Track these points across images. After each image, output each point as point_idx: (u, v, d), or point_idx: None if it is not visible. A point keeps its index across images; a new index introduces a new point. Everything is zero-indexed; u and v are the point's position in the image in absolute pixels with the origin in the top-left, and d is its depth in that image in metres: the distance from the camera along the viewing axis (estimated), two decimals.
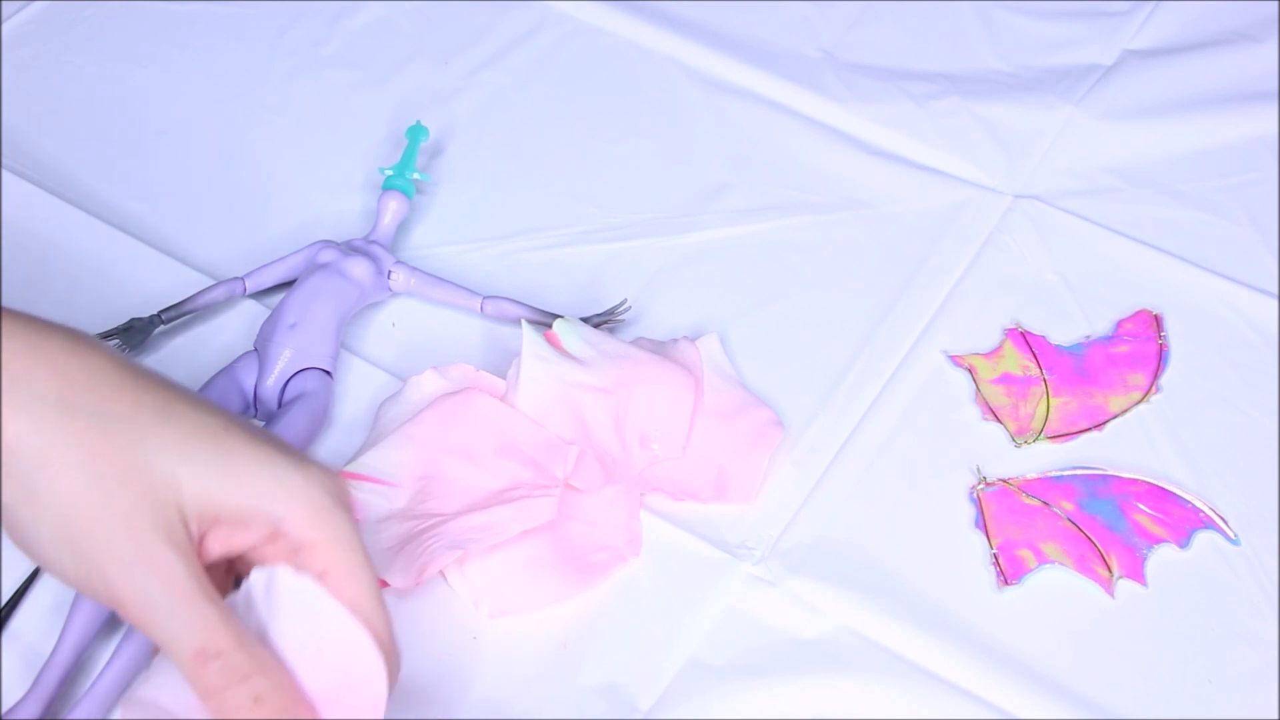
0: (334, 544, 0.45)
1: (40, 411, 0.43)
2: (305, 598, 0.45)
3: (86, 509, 0.43)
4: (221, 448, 0.44)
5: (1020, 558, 0.57)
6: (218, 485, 0.44)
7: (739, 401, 0.60)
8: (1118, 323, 0.64)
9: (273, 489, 0.44)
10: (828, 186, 0.70)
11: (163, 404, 0.45)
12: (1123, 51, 0.75)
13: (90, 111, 0.73)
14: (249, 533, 0.45)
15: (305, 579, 0.45)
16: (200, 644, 0.43)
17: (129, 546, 0.43)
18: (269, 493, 0.44)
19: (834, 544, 0.57)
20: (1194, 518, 0.58)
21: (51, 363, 0.44)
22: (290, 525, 0.45)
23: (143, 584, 0.43)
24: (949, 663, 0.54)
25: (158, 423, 0.44)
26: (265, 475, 0.44)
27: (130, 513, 0.43)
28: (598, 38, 0.76)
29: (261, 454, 0.45)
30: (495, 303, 0.64)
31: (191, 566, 0.44)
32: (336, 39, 0.76)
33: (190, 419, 0.45)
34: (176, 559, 0.43)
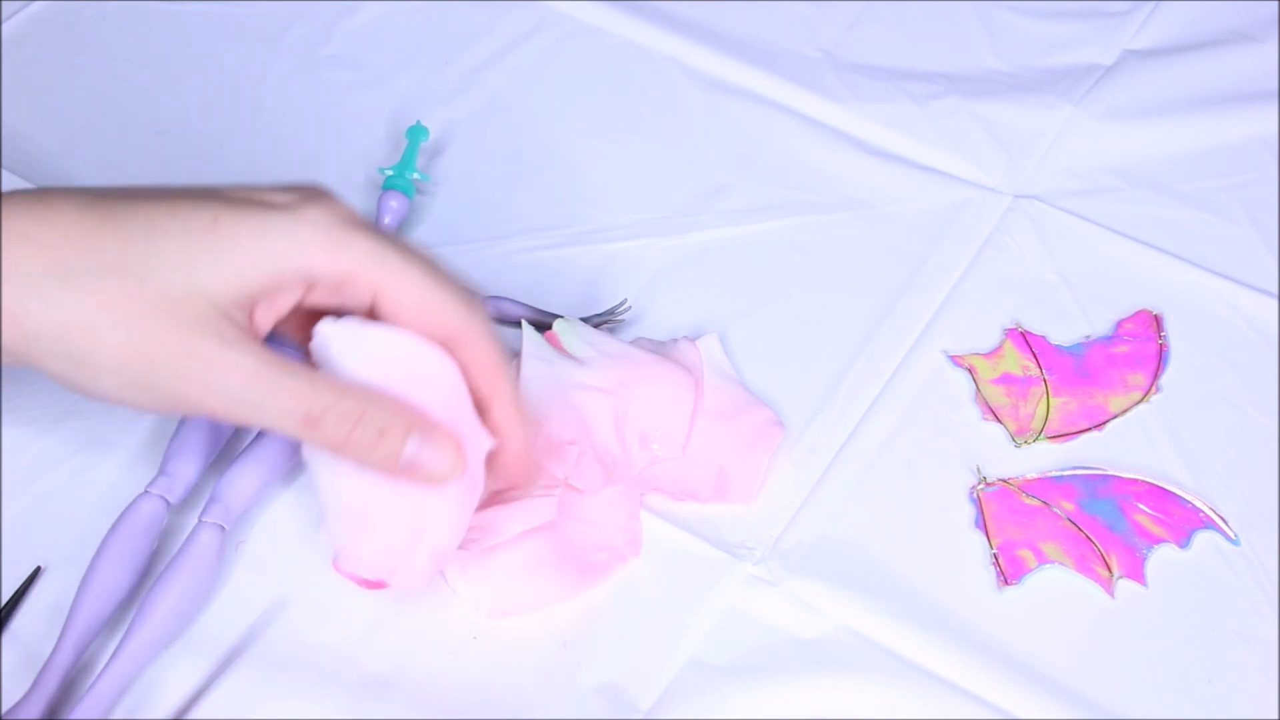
0: (367, 262, 0.46)
1: (44, 292, 0.43)
2: (350, 343, 0.47)
3: (136, 356, 0.44)
4: (219, 236, 0.45)
5: (1020, 558, 0.57)
6: (235, 272, 0.45)
7: (739, 401, 0.60)
8: (1118, 323, 0.64)
9: (284, 248, 0.45)
10: (828, 186, 0.70)
11: (144, 224, 0.45)
12: (1123, 51, 0.75)
13: (90, 111, 0.73)
14: (289, 294, 0.46)
15: (342, 324, 0.47)
16: (303, 411, 0.45)
17: (191, 366, 0.44)
18: (283, 254, 0.45)
19: (834, 544, 0.57)
20: (1194, 518, 0.58)
21: (26, 238, 0.44)
22: (318, 271, 0.46)
23: (222, 390, 0.44)
24: (949, 663, 0.54)
25: (150, 246, 0.44)
26: (271, 240, 0.45)
27: (174, 338, 0.44)
28: (598, 38, 0.76)
29: (257, 222, 0.45)
30: (495, 303, 0.64)
31: (256, 352, 0.45)
32: (336, 39, 0.77)
33: (177, 225, 0.45)
34: (238, 354, 0.44)
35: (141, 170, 0.70)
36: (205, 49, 0.76)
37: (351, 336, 0.47)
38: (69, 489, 0.59)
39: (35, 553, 0.56)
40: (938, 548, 0.57)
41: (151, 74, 0.75)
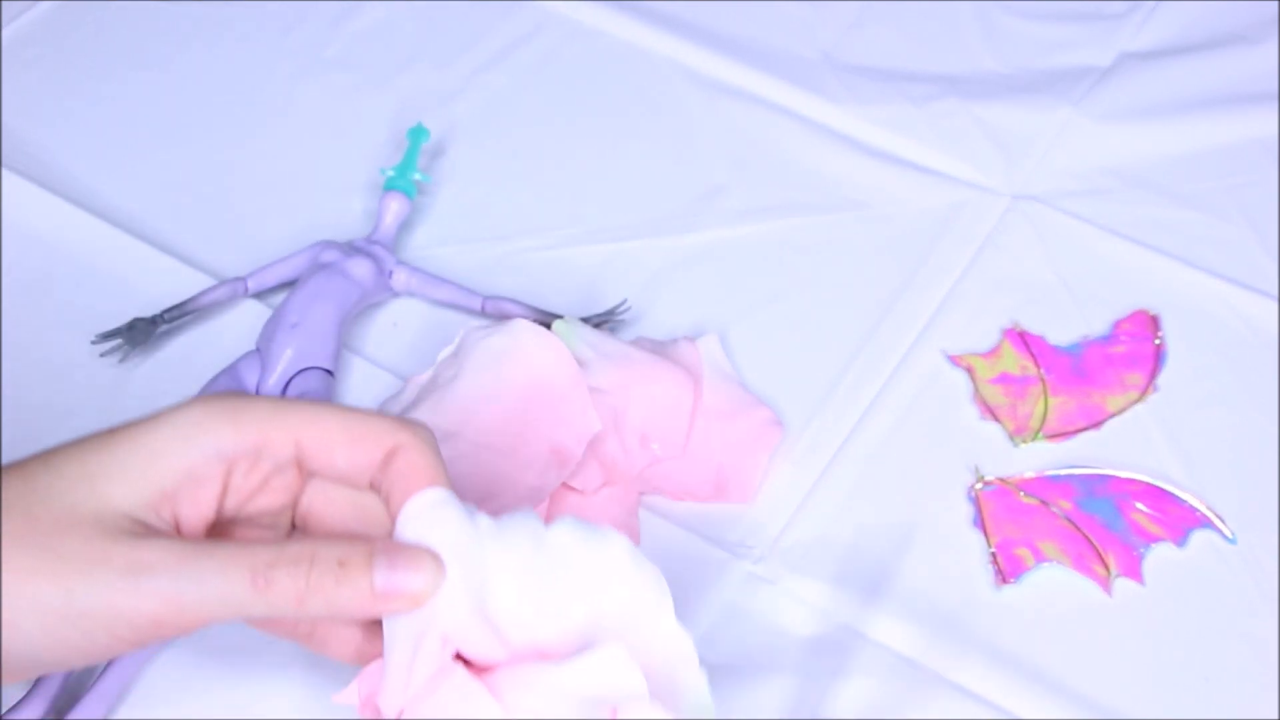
0: (275, 417, 0.43)
1: None
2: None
3: (49, 581, 0.40)
4: (116, 444, 0.42)
5: (1018, 556, 0.57)
6: (140, 473, 0.42)
7: (738, 401, 0.60)
8: (1115, 323, 0.64)
9: (185, 434, 0.42)
10: (827, 187, 0.70)
11: (42, 457, 0.42)
12: (1120, 53, 0.75)
13: (93, 113, 0.73)
14: (209, 483, 0.43)
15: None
16: (247, 573, 0.41)
17: (109, 574, 0.40)
18: (185, 440, 0.42)
19: (833, 543, 0.58)
20: (1191, 517, 0.58)
21: None
22: (227, 445, 0.42)
23: (153, 588, 0.40)
24: (947, 660, 0.54)
25: (50, 473, 0.42)
26: (168, 431, 0.42)
27: (87, 550, 0.40)
28: (598, 39, 0.77)
29: (151, 422, 0.43)
30: (496, 303, 0.64)
31: (178, 541, 0.41)
32: (338, 41, 0.77)
33: (73, 448, 0.43)
34: (158, 545, 0.41)
35: (144, 171, 0.71)
36: (207, 51, 0.76)
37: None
38: None
39: None
40: (936, 546, 0.57)
41: (153, 76, 0.75)
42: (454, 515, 0.43)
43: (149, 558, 0.40)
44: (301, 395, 0.59)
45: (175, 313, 0.63)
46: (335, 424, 0.44)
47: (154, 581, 0.40)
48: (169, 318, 0.63)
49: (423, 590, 0.42)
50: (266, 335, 0.61)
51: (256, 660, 0.53)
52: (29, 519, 0.41)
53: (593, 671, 0.42)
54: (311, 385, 0.60)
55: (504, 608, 0.43)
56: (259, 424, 0.43)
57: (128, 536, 0.41)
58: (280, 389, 0.60)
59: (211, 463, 0.42)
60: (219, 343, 0.63)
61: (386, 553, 0.42)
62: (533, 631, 0.43)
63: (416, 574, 0.42)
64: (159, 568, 0.40)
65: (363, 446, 0.44)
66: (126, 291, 0.65)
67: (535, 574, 0.43)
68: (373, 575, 0.42)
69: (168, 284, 0.65)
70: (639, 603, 0.43)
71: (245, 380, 0.60)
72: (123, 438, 0.42)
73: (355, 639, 0.46)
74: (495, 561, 0.42)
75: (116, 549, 0.40)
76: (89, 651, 0.41)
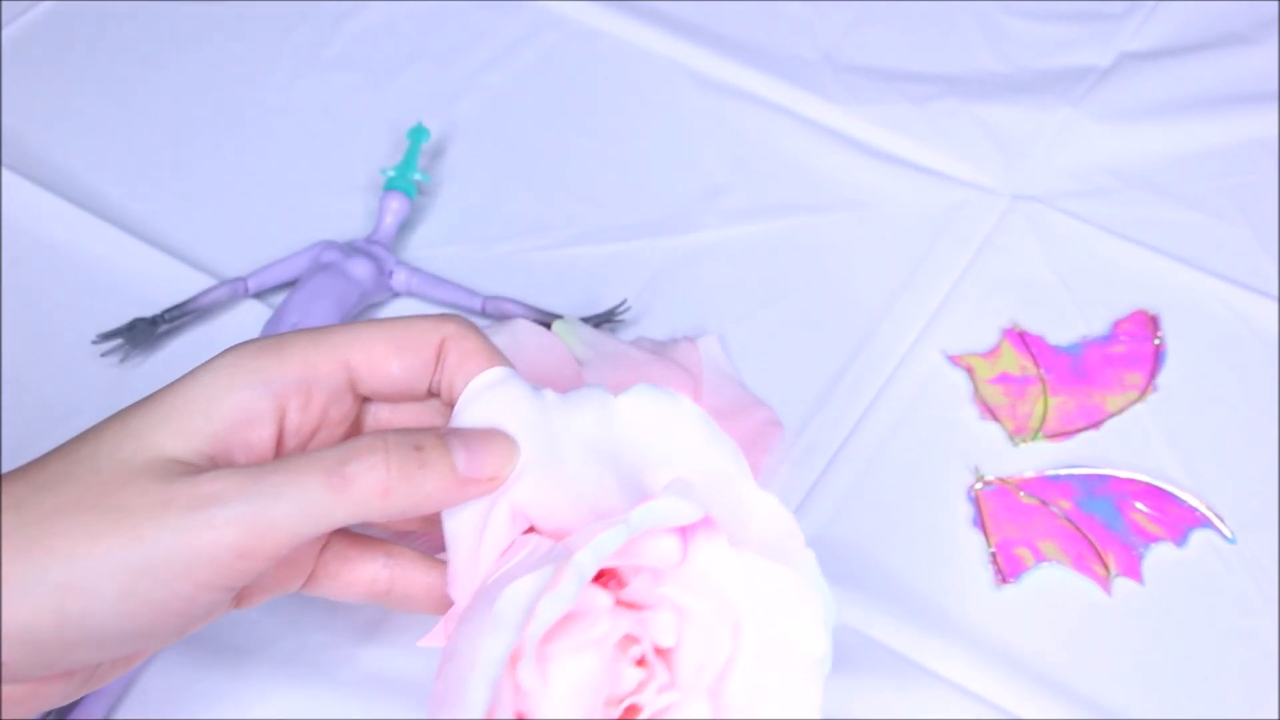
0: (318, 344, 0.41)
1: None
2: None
3: (122, 542, 0.38)
4: (158, 397, 0.40)
5: (1018, 556, 0.57)
6: (188, 420, 0.39)
7: (738, 401, 0.60)
8: (1115, 323, 0.64)
9: (230, 375, 0.40)
10: (826, 187, 0.70)
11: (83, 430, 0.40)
12: (1120, 53, 0.75)
13: (93, 113, 0.73)
14: (262, 423, 0.40)
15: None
16: (321, 477, 0.38)
17: (181, 518, 0.38)
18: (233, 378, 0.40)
19: (832, 542, 0.58)
20: (1190, 516, 0.58)
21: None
22: (275, 378, 0.40)
23: (227, 517, 0.37)
24: (946, 660, 0.54)
25: (95, 438, 0.40)
26: (211, 375, 0.40)
27: (149, 501, 0.38)
28: (598, 40, 0.77)
29: (192, 372, 0.41)
30: (496, 303, 0.64)
31: (238, 468, 0.39)
32: (338, 41, 0.77)
33: (114, 413, 0.41)
34: (221, 476, 0.38)
35: (145, 171, 0.71)
36: (207, 50, 0.76)
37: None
38: None
39: None
40: (936, 546, 0.57)
41: (154, 75, 0.75)
42: (517, 390, 0.42)
43: (215, 488, 0.38)
44: None
45: (176, 313, 0.63)
46: (379, 337, 0.42)
47: (226, 509, 0.38)
48: (169, 318, 0.63)
49: (503, 469, 0.41)
50: (267, 335, 0.61)
51: (256, 660, 0.54)
52: (80, 485, 0.38)
53: (657, 512, 0.40)
54: None
55: (575, 476, 0.41)
56: (302, 352, 0.41)
57: (187, 475, 0.38)
58: None
59: (261, 399, 0.40)
60: (219, 343, 0.62)
61: (460, 435, 0.40)
62: (606, 499, 0.42)
63: (495, 454, 0.41)
64: (227, 495, 0.38)
65: (412, 352, 0.42)
66: (127, 291, 0.65)
67: (605, 442, 0.41)
68: (453, 459, 0.40)
69: (168, 284, 0.65)
70: (716, 474, 0.41)
71: None
72: (164, 392, 0.40)
73: (437, 587, 0.44)
74: (563, 432, 0.41)
75: (179, 489, 0.38)
76: (173, 606, 0.38)
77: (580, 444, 0.41)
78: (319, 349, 0.41)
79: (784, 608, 0.41)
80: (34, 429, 0.61)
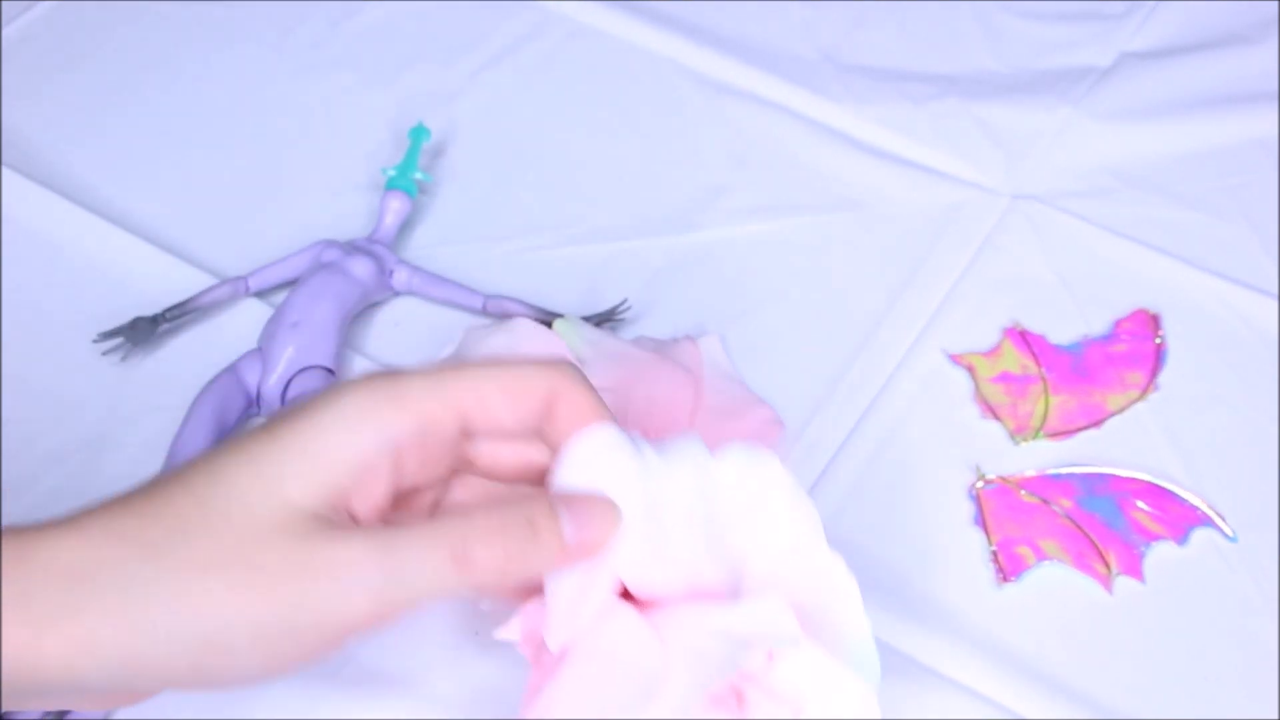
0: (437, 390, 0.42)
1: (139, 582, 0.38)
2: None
3: (259, 598, 0.39)
4: (282, 442, 0.41)
5: (1019, 555, 0.57)
6: (313, 468, 0.40)
7: (739, 400, 0.60)
8: (1115, 322, 0.64)
9: (351, 424, 0.41)
10: (827, 187, 0.70)
11: (206, 470, 0.41)
12: (1120, 53, 0.75)
13: (94, 112, 0.73)
14: (379, 476, 0.41)
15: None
16: (447, 555, 0.40)
17: (318, 580, 0.39)
18: (354, 429, 0.41)
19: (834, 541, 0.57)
20: (1191, 515, 0.58)
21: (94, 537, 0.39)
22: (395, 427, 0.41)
23: (360, 586, 0.39)
24: (948, 659, 0.54)
25: (222, 485, 0.40)
26: (333, 421, 0.41)
27: (289, 558, 0.39)
28: (599, 39, 0.77)
29: (312, 412, 0.41)
30: (497, 302, 0.64)
31: (371, 532, 0.40)
32: (339, 40, 0.77)
33: (237, 455, 0.41)
34: (358, 542, 0.40)
35: (146, 170, 0.71)
36: (208, 50, 0.76)
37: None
38: (73, 486, 0.59)
39: None
40: (937, 545, 0.57)
41: (154, 75, 0.75)
42: (621, 454, 0.43)
43: (351, 556, 0.40)
44: (303, 394, 0.59)
45: (176, 311, 0.63)
46: (493, 386, 0.43)
47: (362, 581, 0.39)
48: (170, 316, 0.63)
49: (607, 538, 0.42)
50: (268, 334, 0.61)
51: None
52: (217, 539, 0.39)
53: (751, 616, 0.43)
54: (312, 384, 0.60)
55: (670, 540, 0.43)
56: (421, 404, 0.42)
57: (322, 538, 0.40)
58: (281, 388, 0.60)
59: (382, 453, 0.41)
60: (220, 341, 0.63)
61: (568, 506, 0.42)
62: (695, 563, 0.44)
63: (600, 524, 0.42)
64: (363, 565, 0.40)
65: (523, 402, 0.43)
66: (127, 290, 0.65)
67: (700, 505, 0.44)
68: (562, 532, 0.42)
69: (169, 283, 0.65)
70: (797, 533, 0.45)
71: (246, 379, 0.60)
72: (286, 434, 0.41)
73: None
74: (662, 496, 0.43)
75: (317, 553, 0.40)
76: (300, 658, 0.40)
77: (676, 503, 0.44)
78: (437, 399, 0.42)
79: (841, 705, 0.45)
80: (34, 428, 0.61)
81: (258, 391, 0.60)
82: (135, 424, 0.61)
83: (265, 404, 0.60)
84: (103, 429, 0.61)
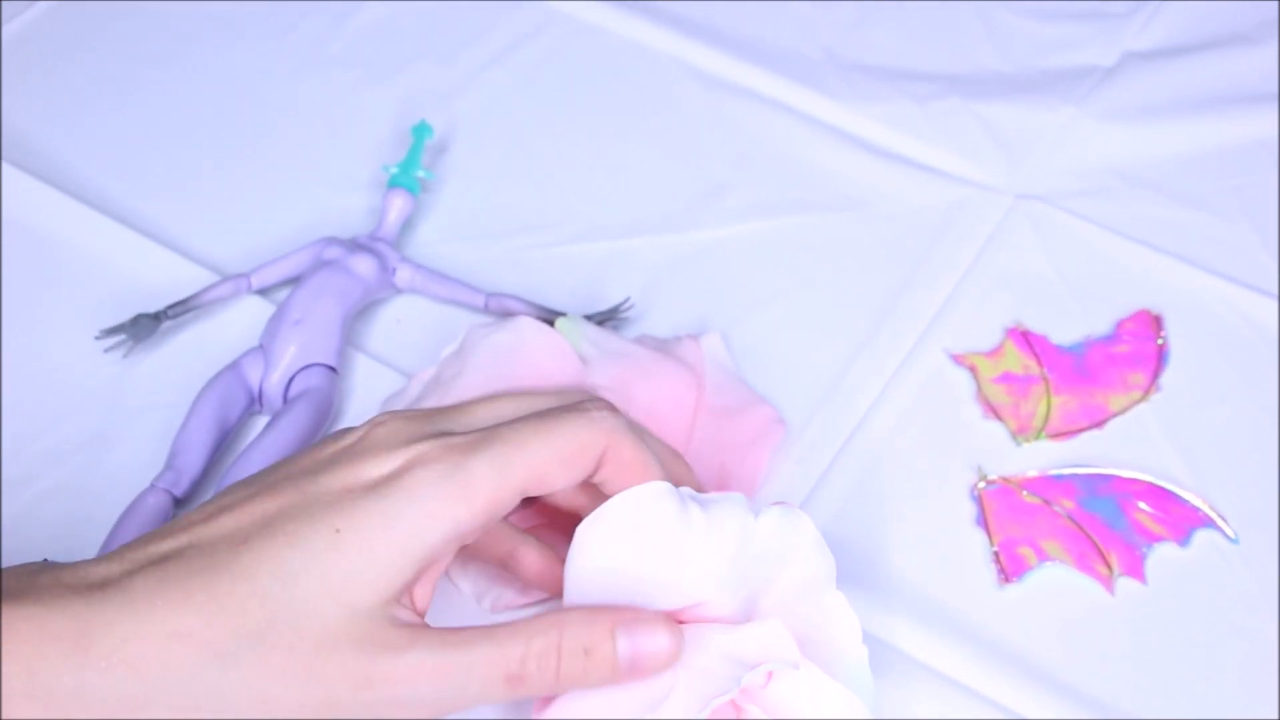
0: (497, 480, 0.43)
1: (207, 682, 0.40)
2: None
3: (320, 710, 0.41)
4: (348, 547, 0.42)
5: (1021, 555, 0.57)
6: (379, 573, 0.42)
7: (741, 399, 0.60)
8: (1118, 322, 0.64)
9: (419, 527, 0.42)
10: (829, 186, 0.70)
11: (271, 569, 0.41)
12: (1123, 53, 0.75)
13: (96, 109, 0.73)
14: (442, 561, 0.44)
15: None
16: (502, 675, 0.42)
17: (377, 693, 0.41)
18: (421, 532, 0.42)
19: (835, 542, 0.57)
20: (1194, 516, 0.58)
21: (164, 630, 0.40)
22: (463, 527, 0.43)
23: (417, 699, 0.41)
24: (949, 659, 0.54)
25: (289, 590, 0.41)
26: (403, 525, 0.42)
27: (348, 672, 0.41)
28: (600, 37, 0.77)
29: (377, 512, 0.42)
30: (499, 299, 0.64)
31: (430, 643, 0.42)
32: (341, 38, 0.77)
33: (302, 556, 0.41)
34: (417, 656, 0.41)
35: (148, 167, 0.71)
36: (209, 48, 0.76)
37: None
38: (73, 484, 0.59)
39: (39, 548, 0.56)
40: (939, 545, 0.57)
41: (155, 73, 0.75)
42: (665, 507, 0.46)
43: (411, 669, 0.41)
44: (305, 391, 0.59)
45: (179, 309, 0.63)
46: (552, 456, 0.45)
47: (419, 693, 0.42)
48: (173, 314, 0.63)
49: (666, 656, 0.45)
50: (270, 332, 0.61)
51: None
52: (286, 650, 0.41)
53: (755, 639, 0.46)
54: (315, 382, 0.60)
55: (696, 585, 0.46)
56: (487, 496, 0.43)
57: (384, 647, 0.41)
58: (283, 385, 0.60)
59: (449, 546, 0.43)
60: (223, 339, 0.63)
61: (626, 626, 0.44)
62: (719, 602, 0.47)
63: (658, 640, 0.44)
64: (422, 678, 0.42)
65: (578, 467, 0.45)
66: (128, 287, 0.65)
67: (735, 564, 0.47)
68: (617, 655, 0.44)
69: (170, 280, 0.65)
70: (812, 579, 0.48)
71: (249, 377, 0.60)
72: (351, 541, 0.42)
73: (542, 563, 0.50)
74: (699, 554, 0.46)
75: (379, 664, 0.41)
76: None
77: (712, 563, 0.47)
78: (500, 487, 0.44)
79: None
80: (34, 426, 0.61)
81: (260, 389, 0.60)
82: (136, 421, 0.61)
83: (267, 401, 0.60)
84: (103, 426, 0.61)
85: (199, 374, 0.61)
